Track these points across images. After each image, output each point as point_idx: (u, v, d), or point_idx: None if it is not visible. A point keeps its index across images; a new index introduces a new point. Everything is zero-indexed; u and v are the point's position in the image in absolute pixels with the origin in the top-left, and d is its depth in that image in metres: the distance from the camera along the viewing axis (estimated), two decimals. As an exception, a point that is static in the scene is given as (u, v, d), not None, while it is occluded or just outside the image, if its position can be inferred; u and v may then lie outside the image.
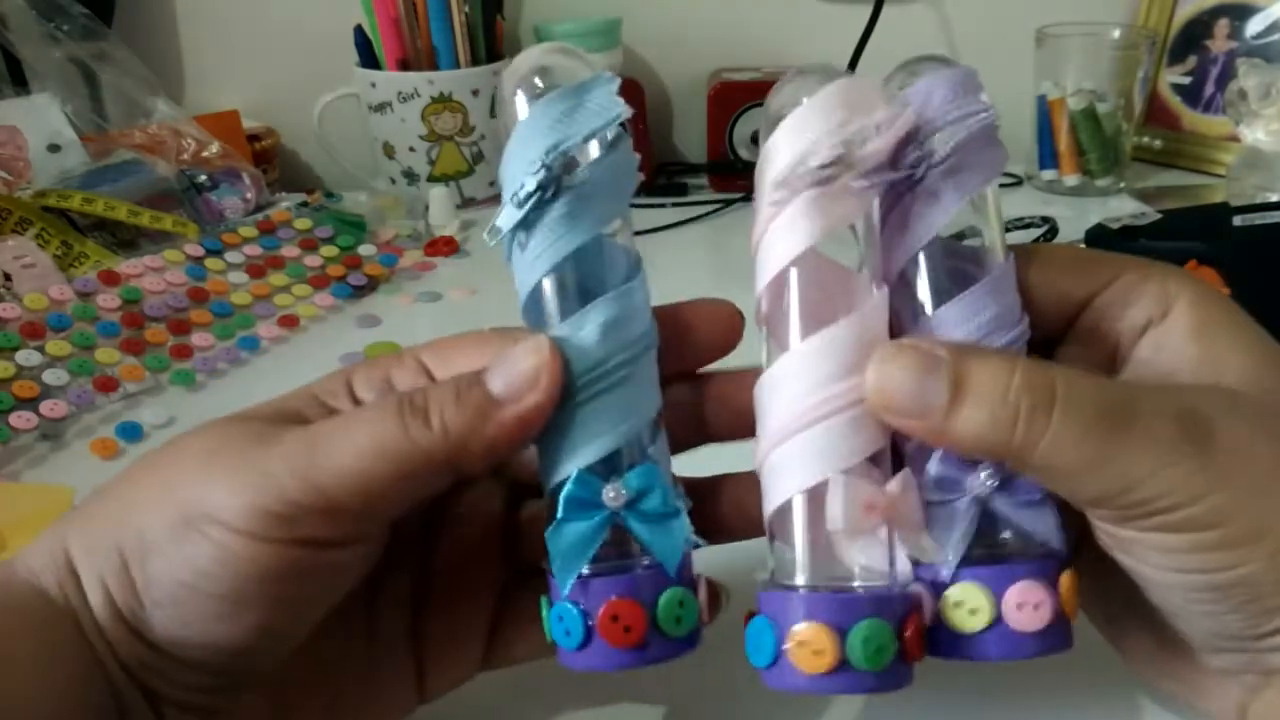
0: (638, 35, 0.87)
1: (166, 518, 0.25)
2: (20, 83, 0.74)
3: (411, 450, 0.25)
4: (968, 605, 0.25)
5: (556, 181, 0.25)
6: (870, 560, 0.25)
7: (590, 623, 0.25)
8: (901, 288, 0.27)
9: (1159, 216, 0.56)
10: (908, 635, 0.24)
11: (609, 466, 0.25)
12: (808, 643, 0.24)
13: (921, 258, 0.27)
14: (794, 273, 0.26)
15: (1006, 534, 0.26)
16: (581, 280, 0.26)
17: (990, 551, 0.25)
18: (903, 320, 0.27)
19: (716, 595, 0.28)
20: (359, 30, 0.79)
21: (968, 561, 0.25)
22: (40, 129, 0.71)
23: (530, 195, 0.25)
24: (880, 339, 0.25)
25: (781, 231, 0.25)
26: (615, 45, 0.83)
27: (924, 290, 0.27)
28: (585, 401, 0.25)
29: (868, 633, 0.24)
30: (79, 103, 0.75)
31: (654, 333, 0.26)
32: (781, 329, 0.26)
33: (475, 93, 0.79)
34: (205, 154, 0.75)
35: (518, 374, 0.25)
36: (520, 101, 0.26)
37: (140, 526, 0.25)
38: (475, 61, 0.79)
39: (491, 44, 0.80)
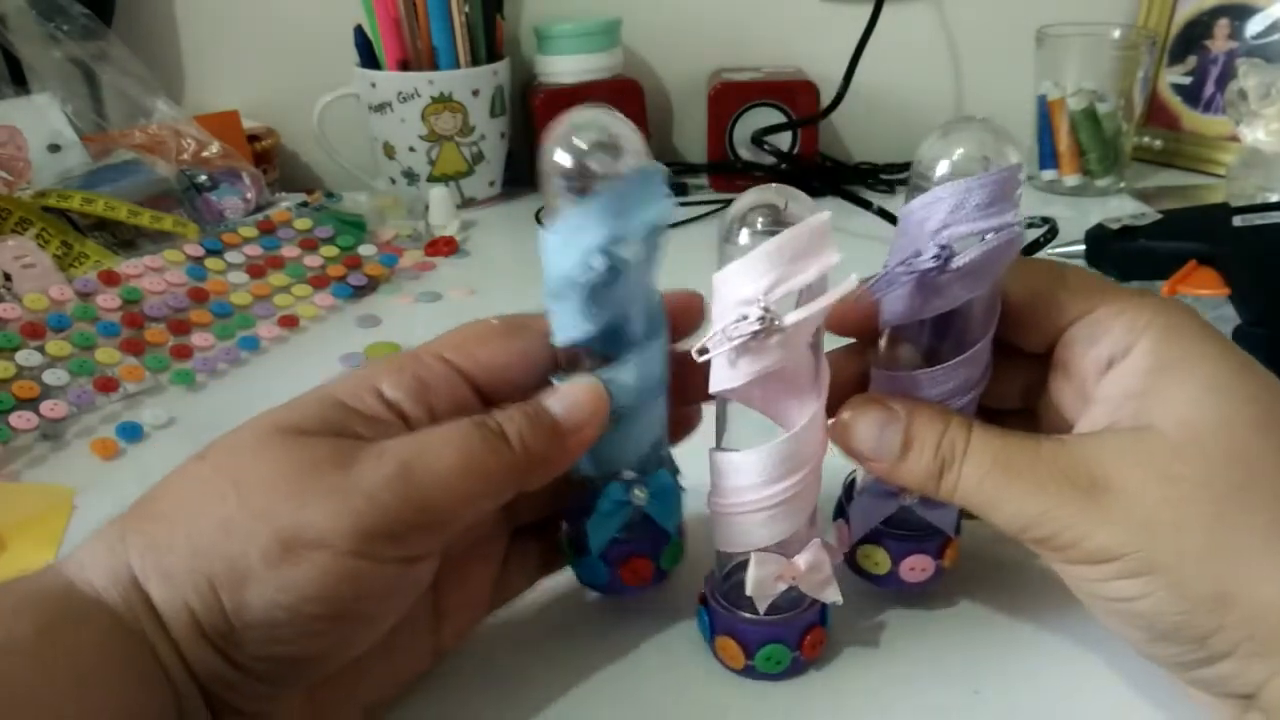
0: (638, 35, 0.87)
1: (262, 545, 0.26)
2: (20, 83, 0.74)
3: (498, 468, 0.28)
4: (873, 559, 0.35)
5: (614, 265, 0.29)
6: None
7: (615, 568, 0.34)
8: (905, 338, 0.32)
9: (1159, 216, 0.55)
10: (805, 644, 0.33)
11: (638, 465, 0.33)
12: (726, 648, 0.33)
13: (918, 322, 0.31)
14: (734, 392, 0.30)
15: (916, 520, 0.34)
16: (616, 324, 0.31)
17: (901, 530, 0.35)
18: (899, 363, 0.32)
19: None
20: (359, 30, 0.79)
21: (882, 532, 0.34)
22: (40, 129, 0.71)
23: (593, 277, 0.29)
24: (813, 451, 0.30)
25: (717, 369, 0.29)
26: (615, 45, 0.83)
27: (921, 345, 0.32)
28: (620, 425, 0.31)
29: (769, 652, 0.33)
30: (79, 103, 0.75)
31: (667, 375, 0.32)
32: (731, 415, 0.32)
33: (475, 93, 0.79)
34: (205, 154, 0.75)
35: (580, 409, 0.30)
36: (561, 155, 0.29)
37: (231, 555, 0.26)
38: (475, 61, 0.79)
39: (491, 44, 0.80)
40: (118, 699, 0.24)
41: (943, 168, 0.29)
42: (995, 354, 0.32)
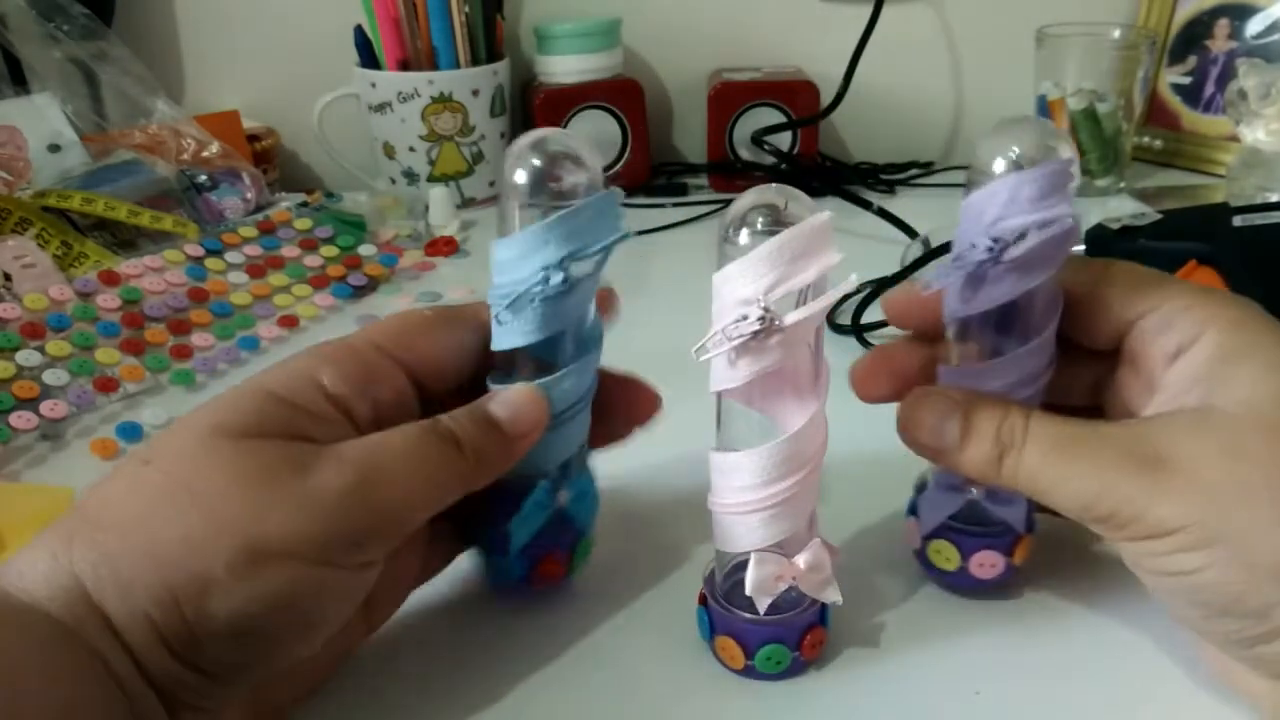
0: (638, 35, 0.87)
1: (227, 556, 0.26)
2: (20, 83, 0.74)
3: (451, 474, 0.30)
4: (944, 554, 0.36)
5: (569, 279, 0.31)
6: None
7: (531, 566, 0.36)
8: (968, 332, 0.33)
9: (1159, 216, 0.55)
10: (805, 644, 0.33)
11: (561, 467, 0.35)
12: (726, 648, 0.33)
13: (980, 315, 0.32)
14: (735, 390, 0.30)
15: (985, 515, 0.35)
16: (557, 335, 0.32)
17: (970, 526, 0.35)
18: (964, 357, 0.33)
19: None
20: (359, 30, 0.79)
21: (952, 527, 0.35)
22: (40, 129, 0.71)
23: (549, 290, 0.30)
24: (814, 452, 0.30)
25: (717, 369, 0.30)
26: (615, 45, 0.83)
27: (984, 339, 0.33)
28: (551, 429, 0.33)
29: (769, 652, 0.33)
30: (79, 103, 0.75)
31: (595, 385, 0.34)
32: (730, 415, 0.32)
33: (475, 93, 0.79)
34: (205, 154, 0.75)
35: (524, 415, 0.31)
36: (520, 174, 0.31)
37: (195, 567, 0.26)
38: (475, 61, 0.79)
39: (491, 44, 0.80)
40: (57, 706, 0.24)
41: (997, 164, 0.30)
42: (1064, 352, 0.33)
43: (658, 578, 0.38)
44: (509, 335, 0.32)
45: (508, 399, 0.31)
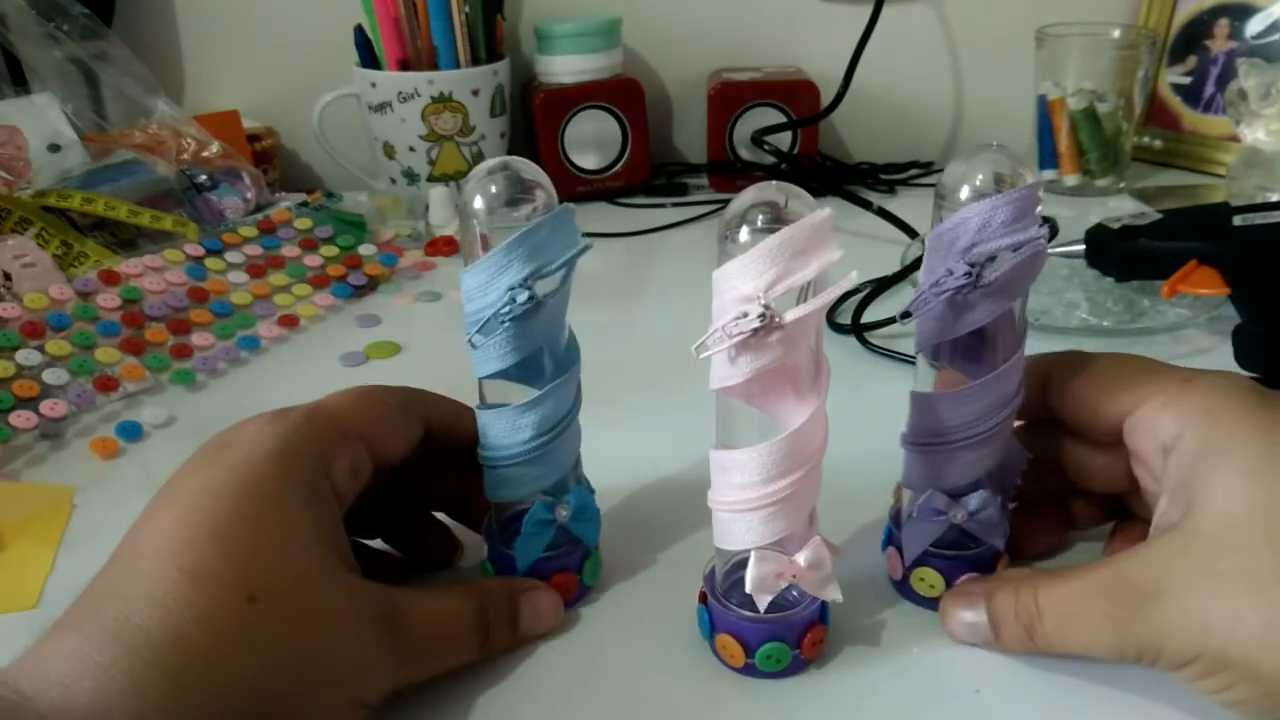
0: (638, 35, 0.87)
1: (329, 709, 0.28)
2: (20, 83, 0.74)
3: (471, 654, 0.33)
4: (927, 581, 0.36)
5: (534, 297, 0.31)
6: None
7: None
8: (941, 360, 0.34)
9: (1159, 216, 0.55)
10: (805, 642, 0.33)
11: (559, 483, 0.35)
12: (726, 646, 0.33)
13: (950, 343, 0.33)
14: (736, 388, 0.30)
15: (964, 540, 0.36)
16: (535, 356, 0.33)
17: (950, 550, 0.36)
18: (937, 384, 0.34)
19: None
20: (359, 30, 0.79)
21: (934, 554, 0.36)
22: (40, 129, 0.71)
23: (516, 309, 0.31)
24: (813, 450, 0.31)
25: (717, 366, 0.30)
26: (615, 45, 0.83)
27: (955, 365, 0.34)
28: (539, 450, 0.34)
29: (769, 650, 0.33)
30: (79, 103, 0.75)
31: (579, 401, 0.35)
32: (730, 412, 0.32)
33: (475, 93, 0.79)
34: (205, 154, 0.75)
35: (541, 625, 0.35)
36: (479, 201, 0.32)
37: (292, 710, 0.27)
38: (475, 61, 0.79)
39: (491, 44, 0.80)
40: None
41: (965, 191, 0.31)
42: (1093, 448, 0.35)
43: (658, 575, 0.38)
44: (486, 362, 0.32)
45: (537, 607, 0.35)
